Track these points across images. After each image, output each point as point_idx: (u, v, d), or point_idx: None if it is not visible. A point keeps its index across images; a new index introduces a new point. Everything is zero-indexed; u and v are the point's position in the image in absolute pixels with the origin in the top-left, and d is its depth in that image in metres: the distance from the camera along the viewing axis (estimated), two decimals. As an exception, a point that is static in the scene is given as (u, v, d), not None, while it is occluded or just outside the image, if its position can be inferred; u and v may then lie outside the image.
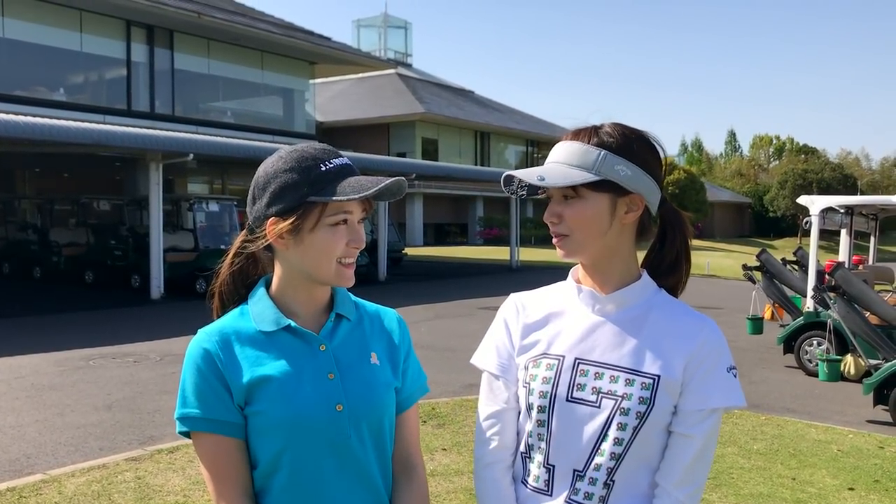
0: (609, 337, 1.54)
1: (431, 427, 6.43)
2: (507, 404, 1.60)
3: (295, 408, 1.45)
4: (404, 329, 1.67)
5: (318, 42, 29.05)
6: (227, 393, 1.46)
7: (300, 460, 1.46)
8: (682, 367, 1.50)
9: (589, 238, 1.52)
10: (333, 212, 1.46)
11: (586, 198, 1.50)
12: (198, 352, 1.48)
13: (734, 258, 31.24)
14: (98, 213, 21.29)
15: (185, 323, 1.62)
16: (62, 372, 8.58)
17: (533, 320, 1.62)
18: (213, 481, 1.47)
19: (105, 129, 15.14)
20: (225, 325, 1.53)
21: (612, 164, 1.49)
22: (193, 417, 1.46)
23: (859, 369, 8.13)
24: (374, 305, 1.69)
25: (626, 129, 1.55)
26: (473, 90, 47.86)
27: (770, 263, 10.66)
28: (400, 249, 25.08)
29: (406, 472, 1.61)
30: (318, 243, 1.47)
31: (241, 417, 1.47)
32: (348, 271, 1.51)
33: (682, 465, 1.49)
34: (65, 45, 22.54)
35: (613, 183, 1.49)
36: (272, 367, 1.48)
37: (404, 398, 1.62)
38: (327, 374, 1.50)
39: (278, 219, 1.47)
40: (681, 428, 1.50)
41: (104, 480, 5.06)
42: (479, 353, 1.67)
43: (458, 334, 11.56)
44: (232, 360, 1.47)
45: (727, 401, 1.50)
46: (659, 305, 1.57)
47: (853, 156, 65.51)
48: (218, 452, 1.46)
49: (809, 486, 5.21)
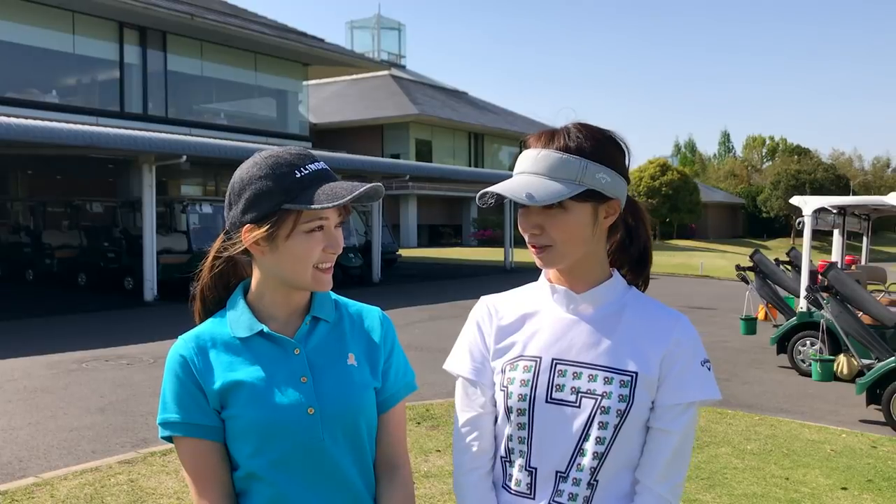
0: (585, 336, 1.54)
1: (426, 428, 6.42)
2: (484, 409, 1.59)
3: (266, 412, 1.47)
4: (387, 327, 1.65)
5: (311, 43, 29.02)
6: (203, 397, 1.49)
7: (275, 464, 1.48)
8: (659, 363, 1.50)
9: (571, 249, 1.51)
10: (308, 219, 1.46)
11: (570, 209, 1.48)
12: (175, 358, 1.51)
13: (727, 259, 31.30)
14: (91, 215, 21.26)
15: (179, 325, 1.62)
16: (55, 374, 8.54)
17: (507, 322, 1.61)
18: (194, 484, 1.49)
19: (98, 130, 15.10)
20: (202, 331, 1.56)
21: (593, 172, 1.47)
22: (173, 422, 1.49)
23: (852, 369, 8.15)
24: (358, 305, 1.68)
25: (595, 131, 1.52)
26: (467, 91, 47.88)
27: (763, 264, 10.69)
28: (394, 251, 25.04)
29: (389, 472, 1.60)
30: (293, 250, 1.47)
31: (218, 421, 1.49)
32: (325, 276, 1.51)
33: (663, 461, 1.49)
34: (57, 47, 22.46)
35: (595, 191, 1.48)
36: (244, 373, 1.49)
37: (386, 397, 1.60)
38: (300, 377, 1.50)
39: (253, 226, 1.48)
40: (659, 423, 1.50)
41: (97, 483, 5.04)
42: (453, 359, 1.65)
43: (453, 335, 11.40)
44: (207, 366, 1.50)
45: (703, 394, 1.50)
46: (632, 303, 1.58)
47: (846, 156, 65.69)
48: (197, 455, 1.49)
49: (803, 485, 5.22)
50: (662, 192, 43.03)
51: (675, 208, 43.73)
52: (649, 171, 44.11)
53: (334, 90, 41.50)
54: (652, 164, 44.98)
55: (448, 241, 41.10)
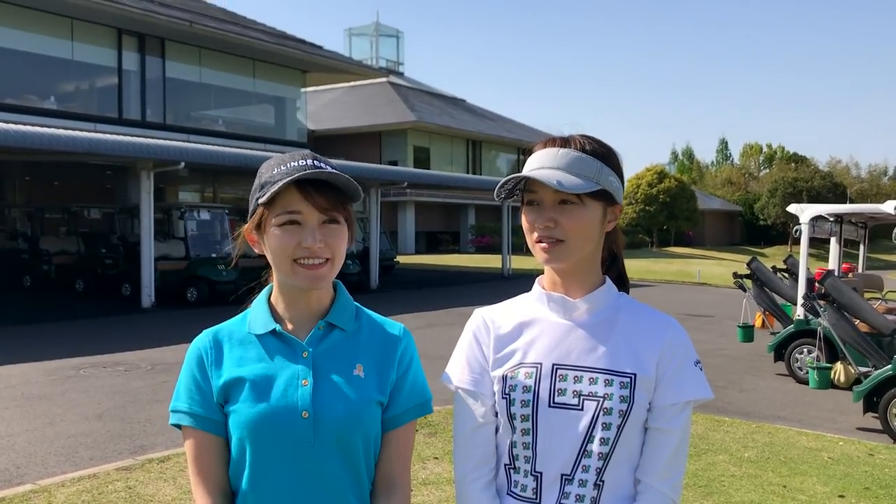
0: (583, 340, 1.58)
1: (423, 435, 6.42)
2: (484, 419, 1.61)
3: (260, 409, 1.50)
4: (407, 343, 1.64)
5: (309, 50, 29.06)
6: (210, 391, 1.53)
7: (262, 463, 1.50)
8: (655, 364, 1.55)
9: (582, 244, 1.56)
10: (278, 212, 1.50)
11: (587, 205, 1.54)
12: (193, 349, 1.58)
13: (725, 266, 31.31)
14: (89, 221, 21.22)
15: (176, 332, 1.62)
16: (52, 381, 8.53)
17: (505, 332, 1.64)
18: (192, 474, 1.54)
19: (96, 137, 15.11)
20: (223, 326, 1.62)
21: (606, 175, 1.55)
22: (180, 411, 1.55)
23: (849, 377, 8.17)
24: (381, 317, 1.68)
25: (602, 141, 1.61)
26: (465, 98, 47.91)
27: (760, 271, 10.71)
28: (391, 258, 25.06)
29: (385, 491, 1.58)
30: (270, 243, 1.53)
31: (220, 415, 1.53)
32: (307, 272, 1.51)
33: (663, 459, 1.53)
34: (56, 54, 22.47)
35: (607, 193, 1.56)
36: (249, 369, 1.53)
37: (393, 416, 1.58)
38: (301, 380, 1.52)
39: (249, 224, 1.57)
40: (658, 423, 1.54)
41: (94, 490, 5.03)
42: (451, 371, 1.67)
43: (451, 342, 11.42)
44: (218, 360, 1.55)
45: (698, 393, 1.56)
46: (625, 307, 1.63)
47: (843, 164, 65.80)
48: (198, 446, 1.54)
49: (800, 493, 5.23)
50: (660, 200, 43.10)
51: (673, 216, 43.79)
52: (647, 179, 44.18)
53: (332, 97, 41.53)
54: (649, 172, 45.06)
55: (446, 247, 41.10)
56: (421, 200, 36.90)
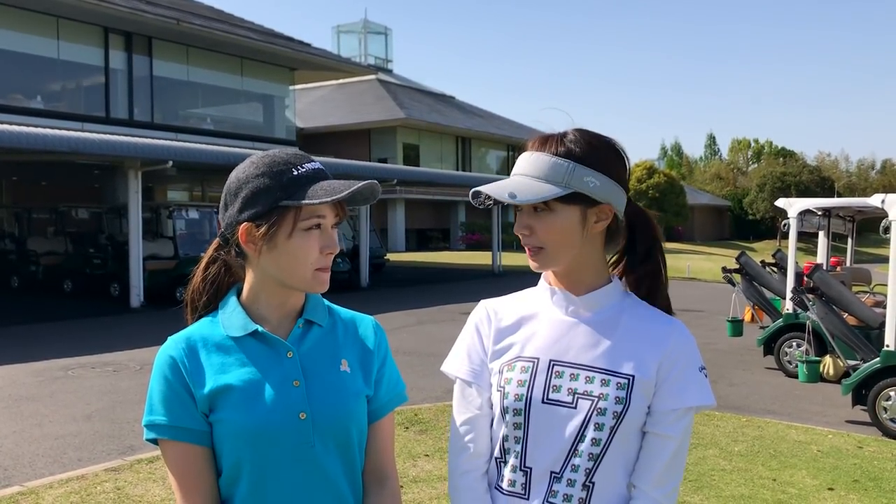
0: (583, 338, 1.55)
1: (414, 433, 6.41)
2: (481, 410, 1.60)
3: (256, 416, 1.45)
4: (381, 336, 1.65)
5: (297, 48, 28.96)
6: (191, 401, 1.46)
7: (262, 469, 1.46)
8: (656, 368, 1.51)
9: (562, 250, 1.53)
10: (307, 216, 1.46)
11: (557, 211, 1.50)
12: (164, 359, 1.49)
13: (714, 261, 31.43)
14: (77, 221, 21.09)
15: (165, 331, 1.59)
16: (40, 382, 8.48)
17: (506, 324, 1.62)
18: (179, 488, 1.47)
19: (83, 136, 15.01)
20: (193, 331, 1.53)
21: (581, 175, 1.49)
22: (159, 425, 1.47)
23: (838, 370, 8.20)
24: (350, 312, 1.67)
25: (592, 136, 1.55)
26: (454, 95, 47.87)
27: (749, 266, 10.74)
28: (381, 256, 25.01)
29: (378, 482, 1.58)
30: (292, 249, 1.46)
31: (205, 425, 1.47)
32: (324, 276, 1.50)
33: (660, 466, 1.50)
34: (42, 53, 22.31)
35: (583, 195, 1.50)
36: (235, 375, 1.47)
37: (377, 407, 1.59)
38: (292, 381, 1.49)
39: (251, 224, 1.46)
40: (657, 428, 1.50)
41: (83, 492, 5.00)
42: (450, 361, 1.66)
43: (441, 340, 11.54)
44: (197, 368, 1.48)
45: (701, 399, 1.52)
46: (629, 308, 1.59)
47: (832, 158, 66.19)
48: (183, 460, 1.46)
49: (790, 486, 5.25)
50: (649, 195, 43.20)
51: (662, 211, 43.86)
52: (636, 174, 44.27)
53: (321, 95, 41.44)
54: (638, 167, 45.17)
55: (436, 245, 41.09)
56: (411, 198, 36.88)
